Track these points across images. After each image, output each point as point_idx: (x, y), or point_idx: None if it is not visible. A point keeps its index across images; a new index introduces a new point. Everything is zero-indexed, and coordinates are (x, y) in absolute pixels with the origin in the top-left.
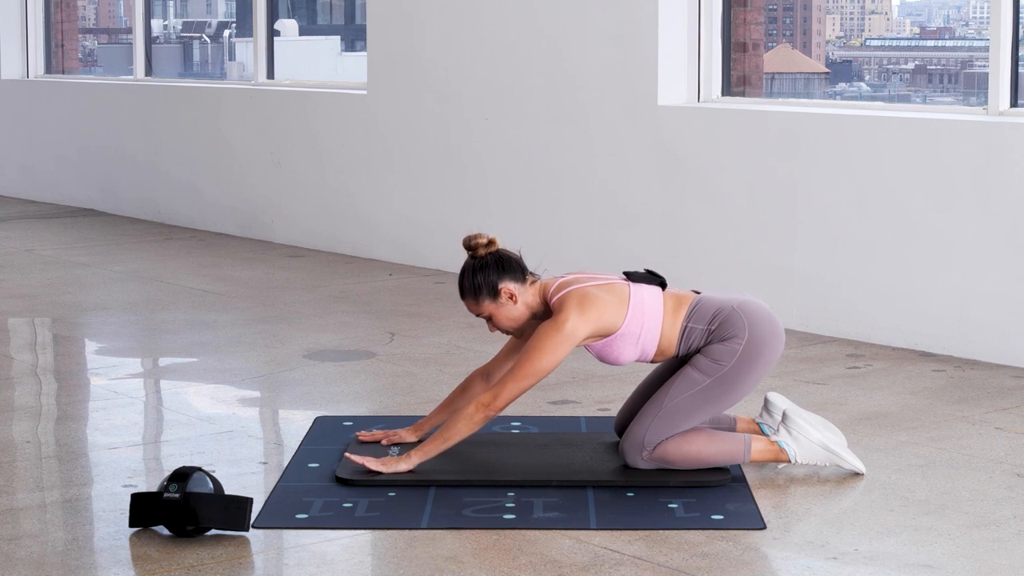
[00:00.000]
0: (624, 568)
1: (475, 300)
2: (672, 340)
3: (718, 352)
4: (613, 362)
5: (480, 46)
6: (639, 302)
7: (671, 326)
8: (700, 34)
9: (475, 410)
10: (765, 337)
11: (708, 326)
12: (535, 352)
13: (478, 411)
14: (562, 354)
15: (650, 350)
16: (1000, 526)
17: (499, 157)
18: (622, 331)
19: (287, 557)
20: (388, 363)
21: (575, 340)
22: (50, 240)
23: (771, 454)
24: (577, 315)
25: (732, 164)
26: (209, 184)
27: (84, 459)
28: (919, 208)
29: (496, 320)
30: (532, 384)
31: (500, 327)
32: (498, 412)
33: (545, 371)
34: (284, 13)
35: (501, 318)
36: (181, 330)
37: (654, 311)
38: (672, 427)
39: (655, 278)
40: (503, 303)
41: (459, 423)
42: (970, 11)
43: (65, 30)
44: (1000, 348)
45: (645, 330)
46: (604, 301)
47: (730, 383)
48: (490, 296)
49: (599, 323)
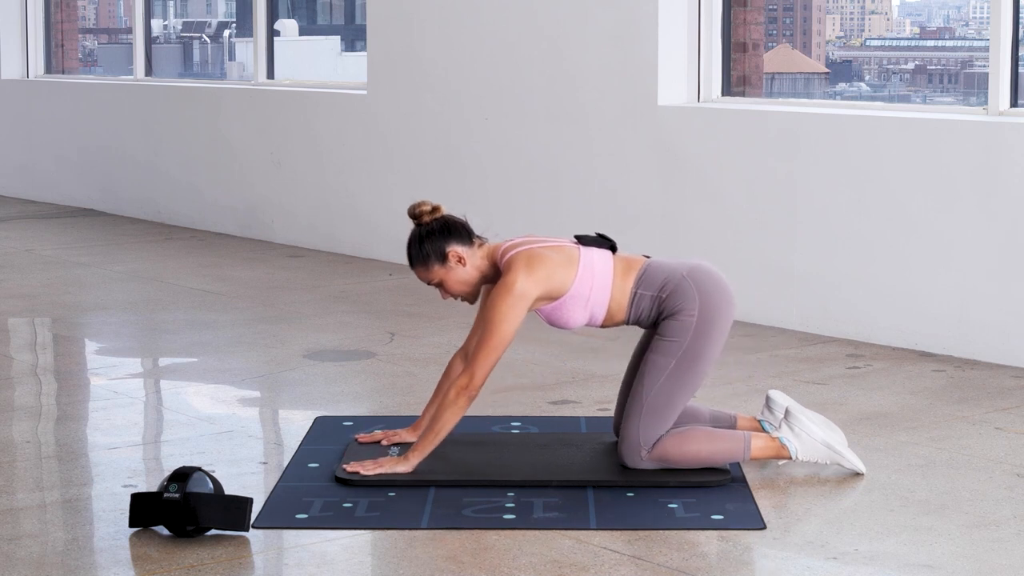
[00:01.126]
0: (624, 568)
1: (424, 267)
2: (622, 304)
3: (673, 329)
4: (563, 326)
5: (480, 46)
6: (588, 264)
7: (620, 290)
8: (700, 34)
9: (456, 396)
10: (716, 304)
11: (657, 293)
12: (492, 321)
13: (459, 396)
14: (519, 317)
15: (599, 314)
16: (1000, 526)
17: (499, 157)
18: (571, 293)
19: (287, 557)
20: (388, 363)
21: (528, 300)
22: (50, 240)
23: (772, 451)
24: (526, 275)
25: (732, 164)
26: (209, 184)
27: (84, 459)
28: (919, 208)
29: (447, 285)
30: (501, 353)
31: (452, 292)
32: (478, 390)
33: (508, 337)
34: (284, 13)
35: (452, 282)
36: (181, 330)
37: (604, 274)
38: (661, 420)
39: (605, 241)
40: (452, 267)
41: (445, 413)
42: (970, 11)
43: (65, 30)
44: (1000, 348)
45: (594, 293)
46: (553, 261)
47: (695, 356)
48: (439, 261)
49: (549, 283)
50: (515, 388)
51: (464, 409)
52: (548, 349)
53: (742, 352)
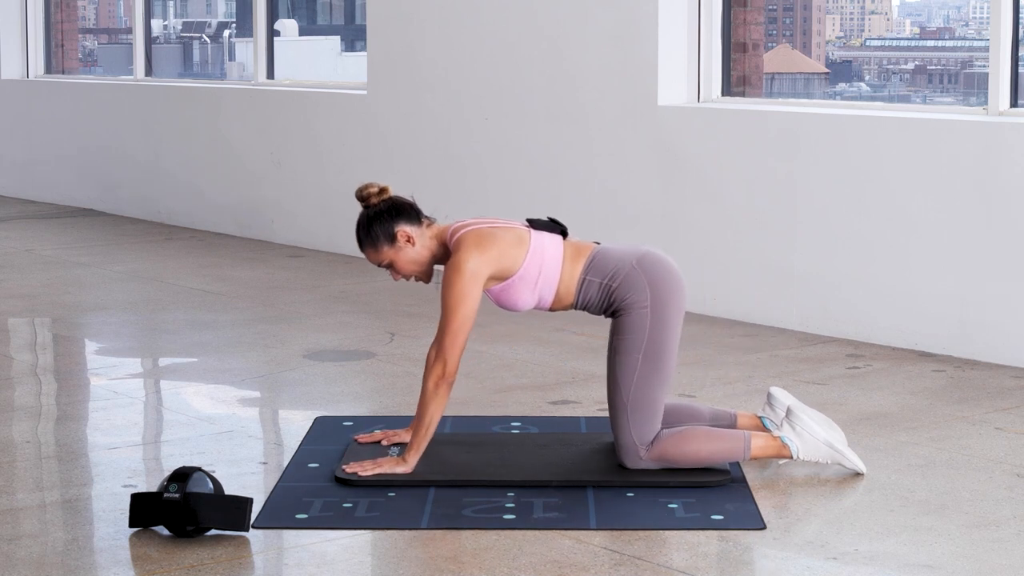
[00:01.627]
0: (624, 568)
1: (374, 248)
2: (570, 289)
3: (629, 325)
4: (511, 307)
5: (480, 46)
6: (539, 247)
7: (569, 275)
8: (700, 34)
9: (435, 386)
10: (666, 291)
11: (606, 281)
12: (450, 304)
13: (438, 386)
14: (475, 296)
15: (548, 297)
16: (1000, 526)
17: (499, 157)
18: (520, 274)
19: (287, 557)
20: (388, 363)
21: (480, 278)
22: (50, 240)
23: (772, 450)
24: (477, 254)
25: (732, 164)
26: (209, 184)
27: (84, 459)
28: (919, 208)
29: (397, 265)
30: (466, 334)
31: (403, 272)
32: (454, 376)
33: (470, 316)
34: (284, 13)
35: (402, 262)
36: (181, 330)
37: (553, 258)
38: (648, 415)
39: (556, 226)
40: (401, 247)
41: (428, 405)
42: (970, 11)
43: (65, 30)
44: (1000, 348)
45: (543, 275)
46: (503, 240)
47: (658, 346)
48: (388, 242)
49: (500, 262)
50: (515, 388)
51: (446, 397)
52: (548, 349)
53: (742, 352)
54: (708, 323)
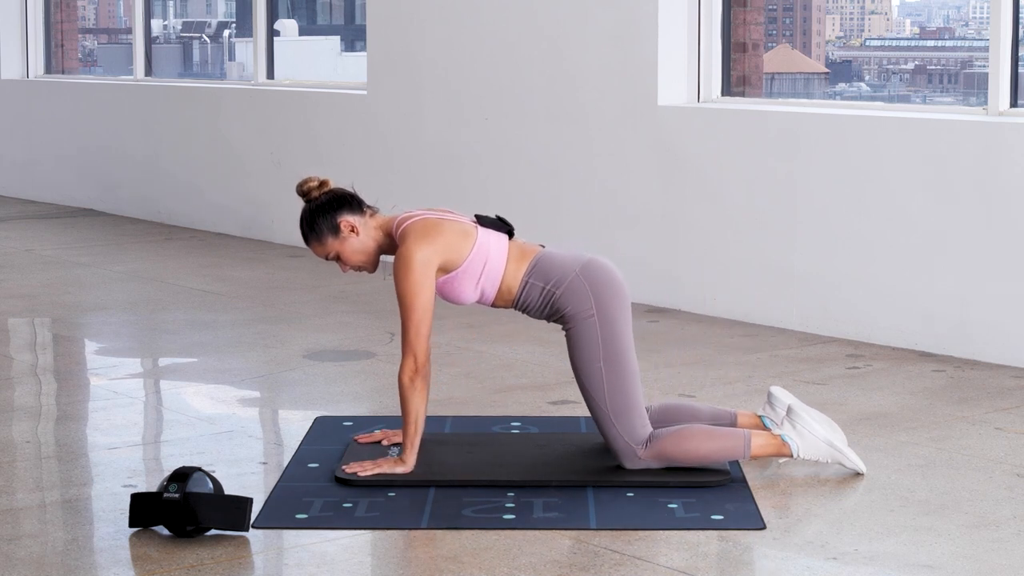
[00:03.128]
0: (624, 568)
1: (319, 241)
2: (512, 288)
3: (582, 334)
4: (453, 300)
5: (480, 46)
6: (484, 244)
7: (512, 275)
8: (700, 34)
9: (410, 380)
10: (609, 296)
11: (548, 287)
12: (407, 298)
13: (413, 380)
14: (429, 283)
15: (490, 294)
16: (1000, 526)
17: (499, 157)
18: (464, 267)
19: (287, 557)
20: (388, 363)
21: (431, 267)
22: (50, 240)
23: (773, 448)
24: (425, 244)
25: (732, 164)
26: (209, 184)
27: (84, 459)
28: (919, 208)
29: (344, 257)
30: (428, 324)
31: (350, 263)
32: (426, 365)
33: (427, 308)
34: (284, 13)
35: (348, 253)
36: (181, 330)
37: (498, 255)
38: (632, 415)
39: (504, 225)
40: (346, 237)
41: (410, 401)
42: (970, 11)
43: (65, 30)
44: (1000, 348)
45: (486, 272)
46: (449, 231)
47: (615, 349)
48: (332, 233)
49: (446, 253)
50: (515, 388)
51: (424, 390)
52: (548, 349)
53: (742, 352)
54: (708, 323)
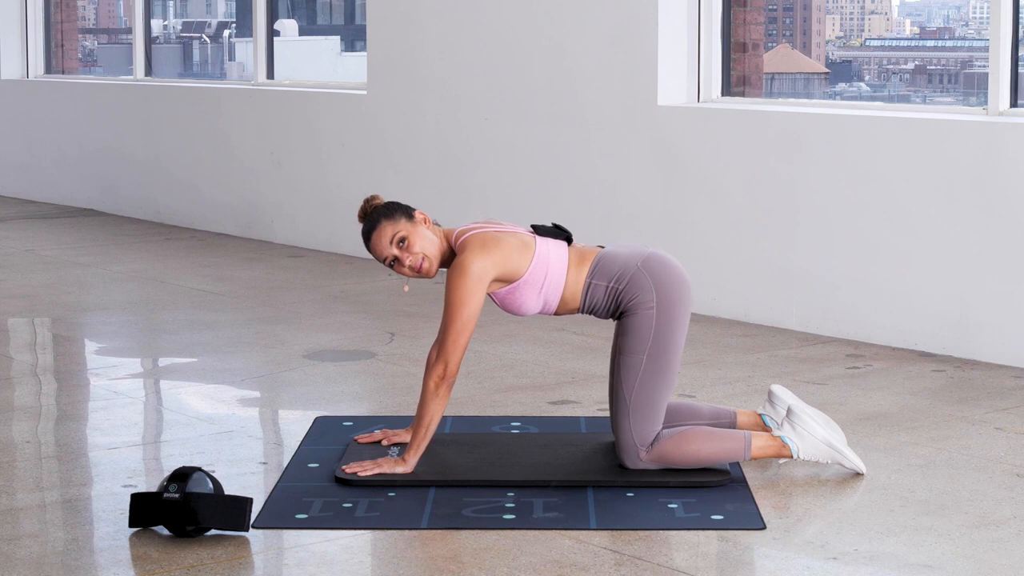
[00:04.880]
0: (624, 568)
1: (391, 219)
2: (576, 294)
3: (635, 326)
4: (515, 311)
5: (480, 46)
6: (544, 252)
7: (574, 280)
8: (700, 34)
9: (435, 386)
10: (673, 292)
11: (612, 283)
12: (454, 305)
13: (439, 386)
14: (479, 297)
15: (553, 302)
16: (1000, 526)
17: (499, 157)
18: (525, 278)
19: (287, 557)
20: (388, 363)
21: (485, 280)
22: (50, 240)
23: (773, 450)
24: (482, 256)
25: (732, 164)
26: (209, 184)
27: (84, 459)
28: (919, 208)
29: (411, 240)
30: (468, 334)
31: (414, 250)
32: (455, 376)
33: (472, 317)
34: (284, 13)
35: (417, 237)
36: (181, 330)
37: (558, 262)
38: (650, 417)
39: (561, 232)
40: (419, 222)
41: (429, 405)
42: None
43: (65, 30)
44: (1000, 348)
45: (548, 280)
46: (508, 244)
47: (663, 347)
48: (406, 216)
49: (504, 265)
50: (515, 388)
51: (446, 398)
52: (548, 349)
53: (742, 352)
54: (708, 323)
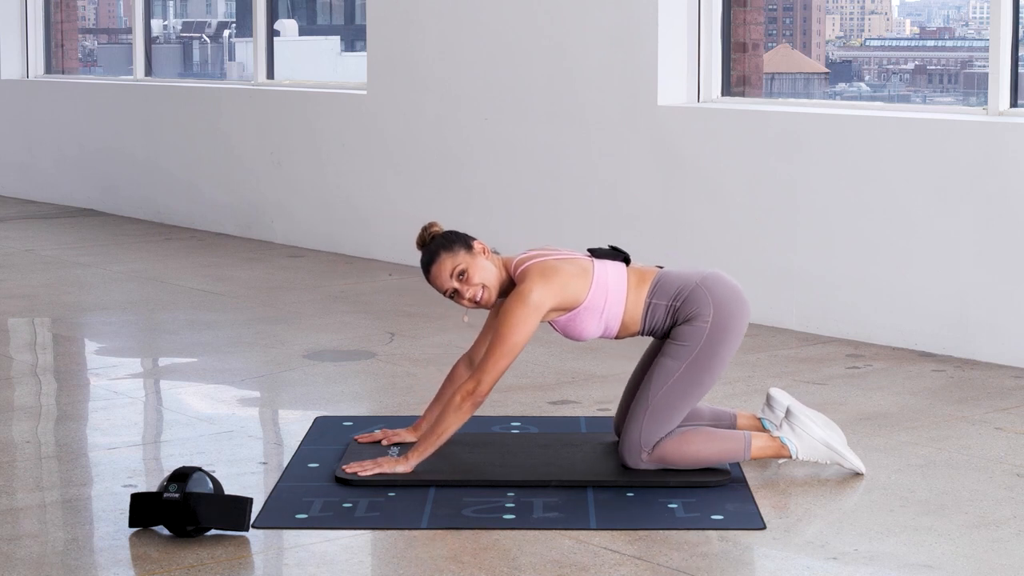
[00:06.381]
0: (624, 568)
1: (450, 252)
2: (636, 316)
3: (686, 334)
4: (576, 337)
5: (480, 46)
6: (602, 276)
7: (634, 302)
8: (700, 34)
9: (461, 400)
10: (731, 311)
11: (671, 302)
12: (506, 329)
13: (464, 401)
14: (532, 326)
15: (614, 326)
16: (1000, 526)
17: (499, 157)
18: (585, 305)
19: (287, 557)
20: (388, 363)
21: (542, 311)
22: (50, 240)
23: (772, 450)
24: (541, 286)
25: (732, 164)
26: (209, 184)
27: (84, 459)
28: (919, 208)
29: (471, 271)
30: (510, 362)
31: (473, 281)
32: (484, 396)
33: (519, 346)
34: (284, 13)
35: (477, 268)
36: (181, 330)
37: (618, 285)
38: (664, 423)
39: (619, 254)
40: (478, 253)
41: (448, 416)
42: (970, 11)
43: (65, 30)
44: (1000, 348)
45: (608, 304)
46: (567, 272)
47: (705, 363)
48: (465, 247)
49: (563, 294)
50: (515, 388)
51: (468, 415)
52: (548, 349)
53: (742, 352)
54: None
